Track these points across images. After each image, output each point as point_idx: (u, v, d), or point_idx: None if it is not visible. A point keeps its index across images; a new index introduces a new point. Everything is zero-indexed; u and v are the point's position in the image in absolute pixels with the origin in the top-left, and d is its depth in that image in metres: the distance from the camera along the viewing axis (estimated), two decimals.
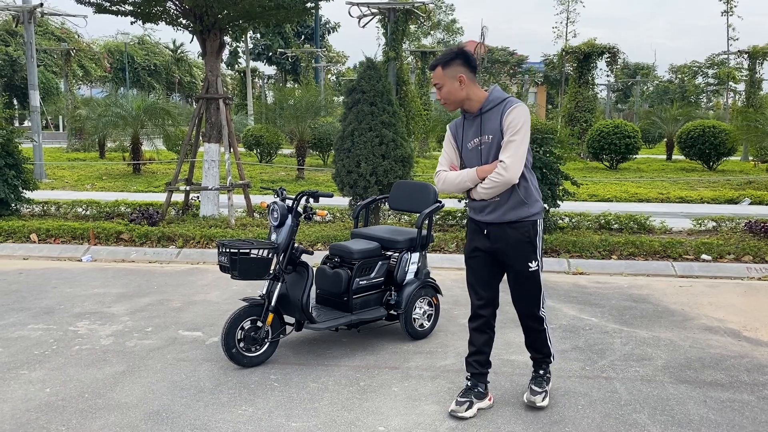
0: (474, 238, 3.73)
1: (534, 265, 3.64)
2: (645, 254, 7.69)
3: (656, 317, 5.58)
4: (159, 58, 52.55)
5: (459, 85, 3.53)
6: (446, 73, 3.54)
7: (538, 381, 3.85)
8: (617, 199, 12.67)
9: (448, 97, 3.58)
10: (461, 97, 3.55)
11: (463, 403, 3.66)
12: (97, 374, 4.18)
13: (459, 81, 3.52)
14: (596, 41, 22.54)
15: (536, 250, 3.64)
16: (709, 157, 18.36)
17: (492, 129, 3.52)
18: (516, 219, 3.55)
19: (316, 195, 4.50)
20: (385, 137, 8.30)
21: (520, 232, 3.56)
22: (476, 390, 3.74)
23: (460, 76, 3.52)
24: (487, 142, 3.53)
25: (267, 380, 4.10)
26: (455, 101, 3.59)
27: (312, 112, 15.46)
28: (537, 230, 3.62)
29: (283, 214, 4.30)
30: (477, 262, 3.74)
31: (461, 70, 3.53)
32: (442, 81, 3.56)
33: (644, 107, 45.02)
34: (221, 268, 4.27)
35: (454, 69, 3.53)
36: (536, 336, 3.83)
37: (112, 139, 18.98)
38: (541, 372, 3.90)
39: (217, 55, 9.15)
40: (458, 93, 3.54)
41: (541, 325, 3.81)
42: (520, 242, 3.58)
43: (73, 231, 8.31)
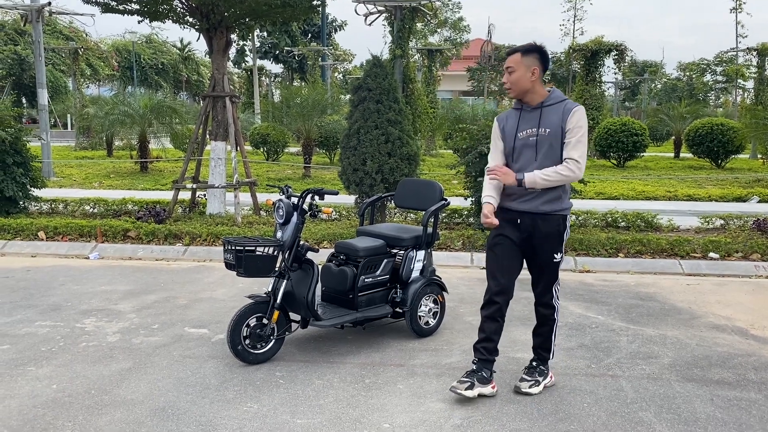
0: (503, 226, 3.84)
1: (558, 257, 3.87)
2: (652, 252, 7.66)
3: (663, 315, 5.56)
4: (166, 57, 52.73)
5: (530, 76, 3.70)
6: (524, 61, 3.71)
7: (530, 371, 4.02)
8: (624, 197, 12.62)
9: (516, 83, 3.73)
10: (527, 87, 3.73)
11: (465, 383, 3.78)
12: (104, 371, 4.20)
13: (532, 72, 3.70)
14: (604, 39, 22.39)
15: (562, 243, 3.85)
16: (717, 155, 18.26)
17: (551, 123, 3.70)
18: (550, 211, 3.74)
19: (322, 192, 4.51)
20: (391, 135, 8.30)
21: (551, 225, 3.76)
22: (480, 374, 3.83)
23: (534, 68, 3.70)
24: (544, 134, 3.71)
25: (272, 377, 4.11)
26: (520, 90, 3.75)
27: (318, 111, 15.47)
28: (566, 225, 3.83)
29: (288, 211, 4.30)
30: (501, 249, 3.89)
31: (537, 63, 3.71)
32: (516, 66, 3.71)
33: (652, 105, 44.79)
34: (227, 266, 4.28)
35: (531, 60, 3.70)
36: (545, 321, 4.00)
37: (119, 138, 19.05)
38: (534, 364, 4.05)
39: (224, 53, 9.17)
40: (526, 83, 3.71)
41: (553, 314, 3.99)
42: (550, 234, 3.78)
43: (81, 229, 8.34)
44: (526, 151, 3.75)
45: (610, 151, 18.69)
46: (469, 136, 8.54)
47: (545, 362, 4.06)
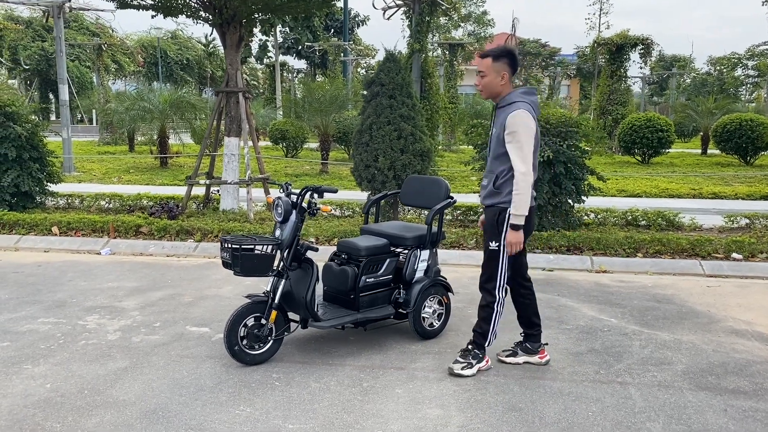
0: None
1: (494, 245, 4.04)
2: (672, 252, 7.42)
3: (680, 319, 5.35)
4: (191, 53, 53.02)
5: (500, 80, 3.98)
6: (494, 66, 3.97)
7: (464, 354, 4.16)
8: (647, 195, 12.31)
9: (487, 87, 4.02)
10: (497, 91, 4.01)
11: (507, 351, 4.37)
12: (99, 370, 4.14)
13: (501, 77, 3.98)
14: (629, 32, 21.93)
15: (500, 234, 4.01)
16: (745, 152, 17.76)
17: (499, 123, 4.00)
18: (490, 204, 4.06)
19: (321, 190, 4.39)
20: (403, 131, 8.16)
21: (491, 215, 4.06)
22: (524, 345, 4.35)
23: (504, 73, 3.98)
24: (494, 133, 4.06)
25: (269, 379, 4.02)
26: (491, 92, 4.04)
27: (336, 106, 15.37)
28: (504, 218, 3.98)
29: (287, 209, 4.20)
30: None
31: (506, 68, 3.98)
32: (487, 71, 3.99)
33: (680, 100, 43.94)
34: (224, 265, 4.19)
35: (501, 65, 3.96)
36: (484, 308, 4.11)
37: (141, 133, 19.18)
38: (469, 347, 4.17)
39: (237, 48, 9.10)
40: (497, 87, 4.00)
41: (493, 303, 4.09)
42: (489, 223, 4.08)
43: (94, 224, 8.35)
44: (490, 147, 4.10)
45: (635, 148, 18.29)
46: (485, 132, 8.37)
47: (480, 347, 4.15)
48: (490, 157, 4.08)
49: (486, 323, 4.11)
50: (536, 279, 6.78)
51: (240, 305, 4.16)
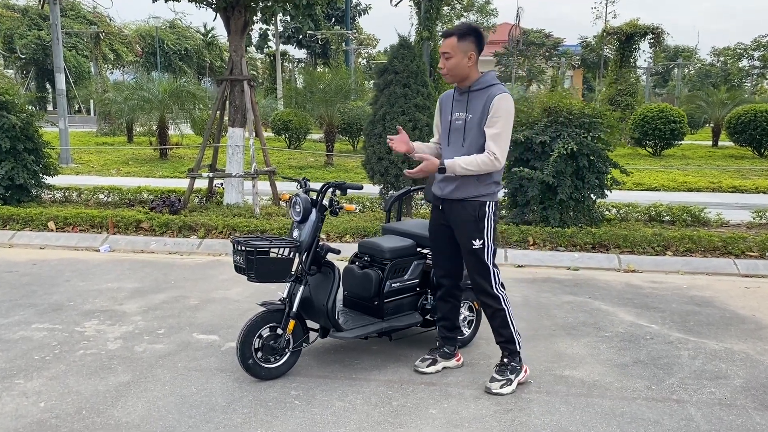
0: (434, 214, 3.89)
1: (477, 243, 3.67)
2: (703, 250, 7.03)
3: (724, 325, 4.96)
4: (190, 42, 52.43)
5: (467, 61, 3.59)
6: (460, 46, 3.58)
7: (501, 369, 3.77)
8: (665, 189, 11.91)
9: (454, 69, 3.62)
10: (464, 73, 3.62)
11: (426, 360, 3.99)
12: (99, 385, 3.74)
13: (468, 58, 3.59)
14: (639, 21, 21.46)
15: (483, 230, 3.66)
16: (760, 144, 17.34)
17: (475, 109, 3.61)
18: (465, 197, 3.64)
19: (344, 187, 3.96)
20: (419, 121, 7.74)
21: (467, 211, 3.65)
22: (442, 350, 4.01)
23: (471, 54, 3.60)
24: (468, 120, 3.64)
25: (287, 397, 3.62)
26: (457, 75, 3.64)
27: (341, 96, 14.93)
28: (487, 211, 3.66)
29: (306, 208, 3.79)
30: (436, 235, 3.91)
31: (473, 48, 3.60)
32: (453, 52, 3.59)
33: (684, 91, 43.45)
34: (236, 269, 3.78)
35: (467, 45, 3.58)
36: (494, 314, 3.75)
37: (140, 123, 18.71)
38: (505, 360, 3.79)
39: (242, 34, 8.66)
40: (463, 69, 3.61)
41: (499, 303, 3.73)
42: (466, 220, 3.66)
43: (92, 219, 7.94)
44: (455, 136, 3.70)
45: (647, 139, 17.86)
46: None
47: (514, 356, 3.79)
48: (464, 146, 3.63)
49: (505, 328, 3.75)
50: (562, 279, 6.43)
51: (254, 314, 3.75)
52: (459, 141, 3.66)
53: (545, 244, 7.26)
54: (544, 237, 7.28)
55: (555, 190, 7.53)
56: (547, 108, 7.90)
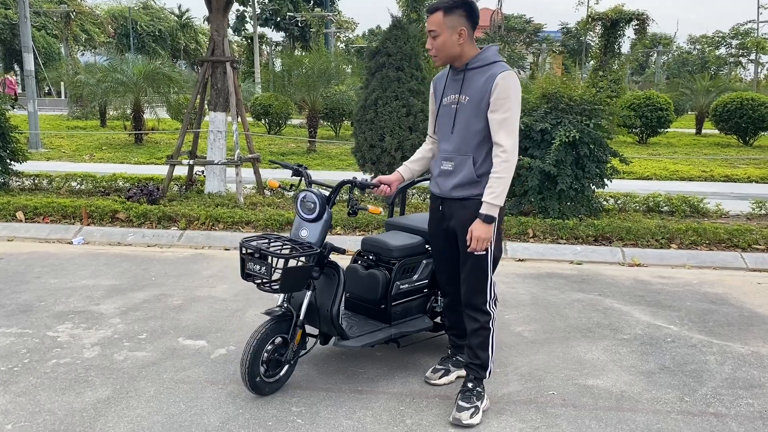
0: (433, 214, 3.43)
1: None
2: (708, 243, 6.77)
3: (746, 325, 4.68)
4: (164, 24, 51.21)
5: (458, 38, 3.06)
6: (447, 21, 3.05)
7: (467, 396, 3.25)
8: (657, 177, 11.70)
9: (442, 49, 3.10)
10: (455, 52, 3.10)
11: (438, 371, 3.63)
12: (75, 402, 3.32)
13: (459, 34, 3.05)
14: (624, 7, 21.23)
15: None
16: (745, 132, 17.25)
17: (472, 91, 3.10)
18: (466, 196, 3.15)
19: (365, 186, 3.54)
20: (413, 107, 7.36)
21: (469, 211, 3.12)
22: (455, 359, 3.65)
23: (462, 29, 3.05)
24: (463, 103, 3.13)
25: (288, 414, 3.24)
26: (447, 56, 3.13)
27: (324, 80, 14.45)
28: None
29: (322, 205, 3.37)
30: (436, 240, 3.47)
31: (464, 22, 3.05)
32: (440, 29, 3.06)
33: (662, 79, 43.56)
34: (246, 276, 3.33)
35: (456, 19, 3.04)
36: (477, 332, 3.25)
37: (113, 107, 17.99)
38: (470, 386, 3.28)
39: (224, 12, 8.16)
40: (453, 47, 3.08)
41: (488, 322, 3.25)
42: (468, 221, 3.12)
43: (64, 209, 7.43)
44: (445, 121, 3.22)
45: (633, 127, 17.66)
46: None
47: (480, 382, 3.31)
48: (453, 133, 3.15)
49: (483, 350, 3.25)
50: (568, 274, 6.12)
51: (260, 325, 3.33)
52: (447, 127, 3.18)
53: (545, 236, 6.95)
54: (545, 229, 6.97)
55: (555, 179, 7.21)
56: (547, 94, 7.56)
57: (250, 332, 4.21)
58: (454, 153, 3.17)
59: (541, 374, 3.78)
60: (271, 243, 3.35)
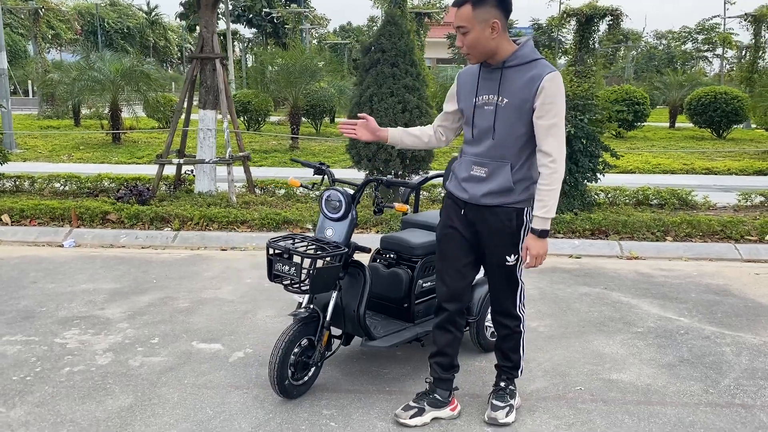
0: (450, 216, 3.13)
1: (512, 259, 3.02)
2: (702, 235, 6.87)
3: (753, 316, 4.76)
4: (132, 21, 50.30)
5: (491, 33, 2.79)
6: (477, 15, 2.77)
7: (500, 395, 3.21)
8: (640, 171, 11.85)
9: (475, 46, 2.83)
10: (490, 48, 2.83)
11: (411, 408, 3.15)
12: (97, 411, 3.22)
13: (492, 28, 2.78)
14: (598, 3, 21.47)
15: (517, 243, 3.00)
16: (719, 125, 17.59)
17: (512, 92, 2.85)
18: (497, 204, 2.94)
19: (391, 184, 3.49)
20: (408, 103, 7.31)
21: (501, 219, 2.96)
22: (432, 396, 3.18)
23: (495, 22, 2.77)
24: (501, 105, 2.87)
25: (320, 417, 3.18)
26: (482, 53, 2.86)
27: (307, 76, 14.32)
28: (524, 220, 2.97)
29: (347, 204, 3.32)
30: (449, 245, 3.14)
31: (496, 14, 2.77)
32: (470, 25, 2.79)
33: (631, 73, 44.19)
34: (273, 277, 3.26)
35: (488, 11, 2.77)
36: (509, 336, 3.19)
37: (87, 106, 17.59)
38: (502, 384, 3.24)
39: (213, 8, 8.01)
40: (487, 43, 2.81)
41: (518, 326, 3.18)
42: (500, 230, 2.98)
43: (52, 211, 7.22)
44: (483, 123, 2.93)
45: (610, 121, 17.88)
46: None
47: (512, 379, 3.27)
48: (495, 138, 2.89)
49: (516, 353, 3.21)
50: (570, 268, 6.15)
51: (287, 328, 3.26)
52: (488, 131, 2.90)
53: None
54: None
55: None
56: None
57: (263, 335, 4.22)
58: (489, 159, 2.93)
59: (564, 369, 3.79)
60: (297, 243, 3.29)
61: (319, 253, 3.20)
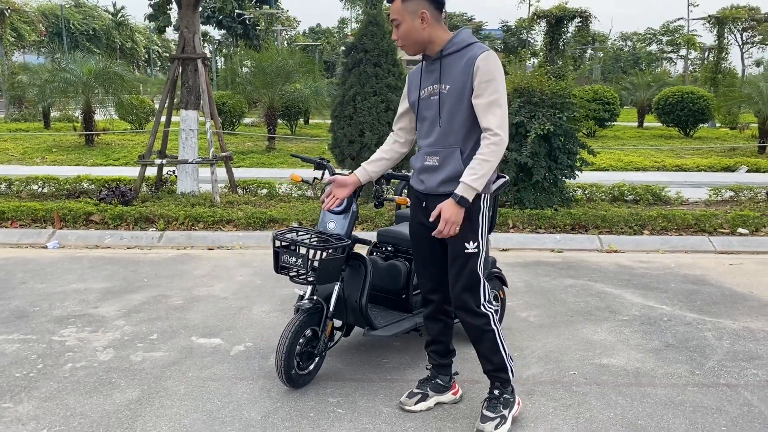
0: (415, 211, 3.16)
1: (472, 246, 2.93)
2: (677, 228, 7.12)
3: (731, 303, 4.97)
4: (98, 22, 49.51)
5: (420, 23, 2.84)
6: (406, 6, 2.85)
7: (493, 404, 3.04)
8: (613, 168, 12.16)
9: (407, 37, 2.90)
10: (422, 38, 2.88)
11: (415, 395, 3.25)
12: (105, 404, 3.25)
13: (421, 18, 2.83)
14: (567, 5, 21.88)
15: (477, 230, 2.94)
16: (686, 124, 18.09)
17: (453, 78, 2.88)
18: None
19: (391, 177, 3.59)
20: (392, 102, 7.44)
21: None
22: (434, 382, 3.29)
23: (423, 12, 2.83)
24: (444, 92, 2.90)
25: (326, 405, 3.27)
26: (415, 43, 2.91)
27: (283, 78, 14.35)
28: (482, 207, 2.93)
29: (349, 198, 3.41)
30: (419, 240, 3.16)
31: (423, 5, 2.83)
32: (400, 17, 2.87)
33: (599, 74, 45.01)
34: (279, 269, 3.33)
35: (416, 3, 2.83)
36: (481, 337, 3.01)
37: (57, 108, 17.33)
38: (496, 393, 3.06)
39: (194, 8, 8.03)
40: (419, 33, 2.87)
41: (487, 323, 2.98)
42: None
43: (34, 213, 7.16)
44: (429, 113, 2.96)
45: (587, 119, 18.28)
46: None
47: (506, 386, 3.09)
48: (441, 125, 2.91)
49: (495, 354, 3.02)
50: (553, 262, 6.32)
51: (293, 318, 3.33)
52: (434, 119, 2.92)
53: (525, 226, 7.15)
54: (524, 219, 7.17)
55: (530, 171, 7.42)
56: (520, 88, 7.77)
57: (261, 329, 4.29)
58: (438, 146, 2.93)
59: (557, 356, 3.93)
60: (302, 236, 3.37)
61: (325, 245, 3.28)
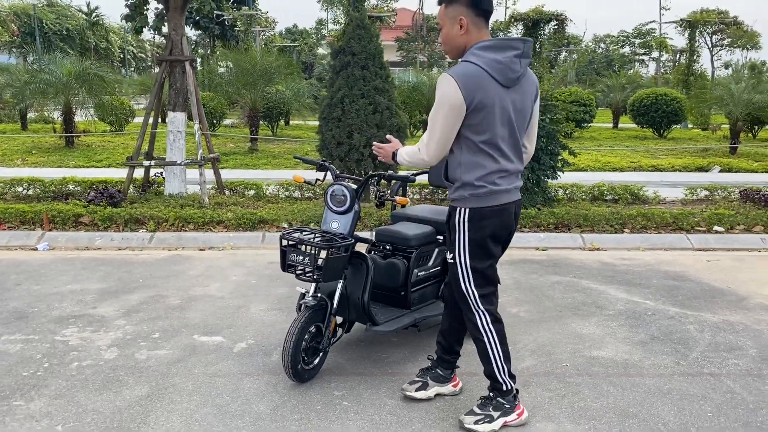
0: None
1: (449, 257, 3.07)
2: (656, 226, 7.36)
3: (709, 297, 5.19)
4: (72, 22, 48.88)
5: (459, 29, 2.89)
6: (447, 12, 2.92)
7: (484, 403, 3.11)
8: (591, 169, 12.43)
9: (446, 42, 2.99)
10: (458, 44, 2.93)
11: (416, 382, 3.39)
12: (117, 401, 3.34)
13: (459, 24, 2.88)
14: (544, 8, 22.23)
15: (453, 241, 3.01)
16: (660, 125, 18.51)
17: None
18: (451, 199, 3.04)
19: (391, 178, 3.72)
20: (379, 105, 7.56)
21: (450, 216, 3.06)
22: (434, 371, 3.41)
23: (461, 18, 2.87)
24: None
25: (333, 398, 3.39)
26: (452, 48, 2.98)
27: (266, 79, 14.40)
28: (454, 220, 2.99)
29: (352, 198, 3.53)
30: None
31: (463, 11, 2.87)
32: (442, 22, 2.97)
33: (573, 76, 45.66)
34: (286, 267, 3.44)
35: (455, 9, 2.89)
36: (474, 340, 3.07)
37: (35, 109, 17.15)
38: (490, 394, 3.12)
39: (182, 10, 8.08)
40: (457, 39, 2.92)
41: (476, 330, 3.02)
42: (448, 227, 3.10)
43: (23, 215, 7.16)
44: None
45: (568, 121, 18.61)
46: None
47: (503, 394, 3.08)
48: None
49: (486, 362, 3.05)
50: (539, 260, 6.51)
51: (299, 315, 3.44)
52: None
53: None
54: None
55: None
56: None
57: (262, 326, 4.40)
58: None
59: (549, 349, 4.10)
60: (307, 235, 3.48)
61: (330, 243, 3.40)
